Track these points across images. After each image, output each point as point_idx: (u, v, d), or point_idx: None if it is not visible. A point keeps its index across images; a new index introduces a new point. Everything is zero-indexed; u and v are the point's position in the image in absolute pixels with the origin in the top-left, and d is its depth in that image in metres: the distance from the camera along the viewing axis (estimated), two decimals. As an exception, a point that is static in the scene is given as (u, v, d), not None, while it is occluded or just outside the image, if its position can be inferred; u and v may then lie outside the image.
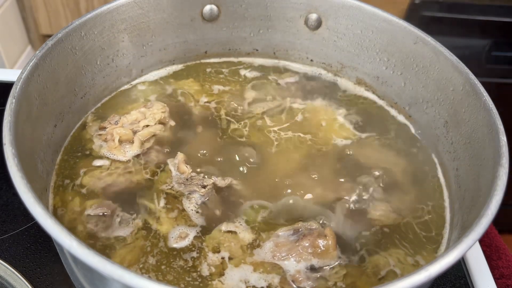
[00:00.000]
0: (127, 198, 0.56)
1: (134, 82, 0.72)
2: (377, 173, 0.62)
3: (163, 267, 0.50)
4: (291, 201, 0.57)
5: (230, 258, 0.51)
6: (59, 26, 1.55)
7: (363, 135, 0.67)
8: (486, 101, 0.53)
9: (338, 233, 0.54)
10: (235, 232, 0.53)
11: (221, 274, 0.49)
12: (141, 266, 0.50)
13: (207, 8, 0.72)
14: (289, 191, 0.58)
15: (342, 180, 0.60)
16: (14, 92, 0.48)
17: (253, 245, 0.52)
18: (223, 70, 0.76)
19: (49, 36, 1.02)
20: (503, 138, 0.49)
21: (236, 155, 0.62)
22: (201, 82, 0.74)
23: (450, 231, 0.56)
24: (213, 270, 0.50)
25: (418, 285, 0.36)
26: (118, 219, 0.54)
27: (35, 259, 0.60)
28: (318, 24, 0.72)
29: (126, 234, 0.52)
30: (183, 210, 0.55)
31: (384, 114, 0.71)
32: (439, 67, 0.61)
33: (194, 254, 0.51)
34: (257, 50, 0.78)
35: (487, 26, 1.35)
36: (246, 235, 0.53)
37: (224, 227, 0.53)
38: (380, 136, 0.67)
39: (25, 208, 0.38)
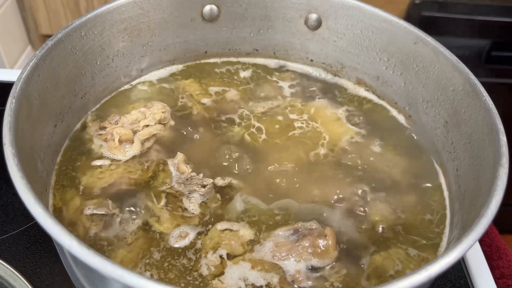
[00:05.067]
0: (127, 198, 0.56)
1: (134, 82, 0.72)
2: (376, 173, 0.62)
3: (164, 265, 0.50)
4: (290, 200, 0.57)
5: (229, 256, 0.51)
6: (59, 26, 1.55)
7: (363, 135, 0.67)
8: (486, 101, 0.53)
9: (338, 233, 0.54)
10: (234, 230, 0.53)
11: (221, 273, 0.49)
12: (141, 265, 0.50)
13: (207, 8, 0.72)
14: (288, 190, 0.58)
15: (341, 180, 0.60)
16: (14, 92, 0.48)
17: (254, 241, 0.52)
18: (223, 70, 0.76)
19: (49, 36, 1.02)
20: (503, 138, 0.49)
21: (236, 155, 0.62)
22: (201, 82, 0.74)
23: (450, 231, 0.56)
24: (213, 269, 0.50)
25: (418, 285, 0.36)
26: (118, 219, 0.54)
27: (35, 259, 0.60)
28: (318, 24, 0.72)
29: (126, 234, 0.53)
30: (183, 209, 0.55)
31: (384, 114, 0.71)
32: (439, 67, 0.61)
33: (195, 253, 0.51)
34: (257, 50, 0.78)
35: (487, 26, 1.35)
36: (246, 232, 0.53)
37: (221, 226, 0.53)
38: (380, 136, 0.67)
39: (25, 208, 0.38)
